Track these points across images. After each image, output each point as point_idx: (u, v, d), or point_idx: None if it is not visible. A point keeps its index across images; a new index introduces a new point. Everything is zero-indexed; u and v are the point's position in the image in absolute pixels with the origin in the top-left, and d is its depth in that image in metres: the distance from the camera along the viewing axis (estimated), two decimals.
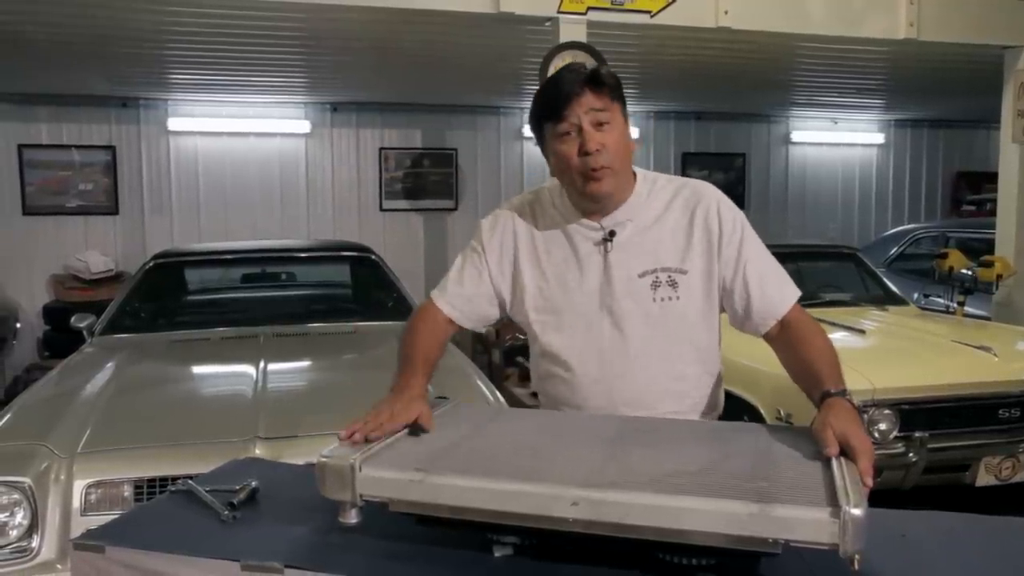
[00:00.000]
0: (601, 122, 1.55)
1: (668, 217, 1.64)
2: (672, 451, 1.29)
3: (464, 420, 1.52)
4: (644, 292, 1.61)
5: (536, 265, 1.68)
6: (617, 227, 1.63)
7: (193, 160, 7.64)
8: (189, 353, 3.60)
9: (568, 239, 1.67)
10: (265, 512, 1.49)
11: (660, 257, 1.62)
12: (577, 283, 1.64)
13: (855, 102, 8.23)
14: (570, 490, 1.10)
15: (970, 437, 3.43)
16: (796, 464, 1.21)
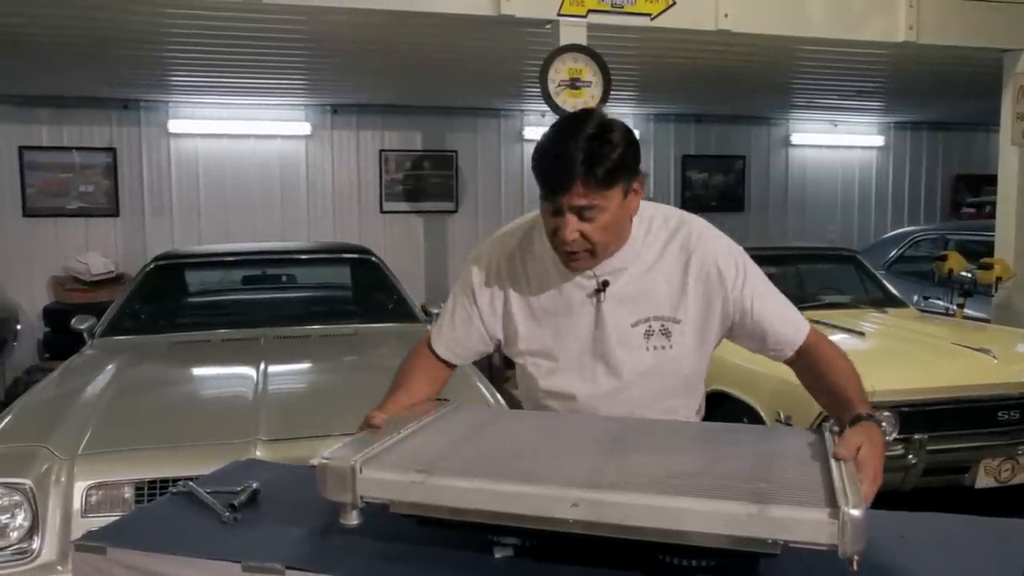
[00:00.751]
0: (584, 217, 1.47)
1: (662, 264, 1.60)
2: (671, 452, 1.30)
3: (464, 422, 1.53)
4: (638, 341, 1.59)
5: (527, 310, 1.66)
6: (611, 276, 1.59)
7: (194, 162, 7.65)
8: (190, 355, 3.60)
9: (559, 287, 1.63)
10: (266, 513, 1.49)
11: (653, 305, 1.59)
12: (570, 330, 1.62)
13: (855, 104, 8.24)
14: (570, 491, 1.11)
15: (969, 439, 3.43)
16: (796, 465, 1.21)
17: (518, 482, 1.15)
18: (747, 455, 1.26)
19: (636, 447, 1.33)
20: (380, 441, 1.36)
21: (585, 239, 1.49)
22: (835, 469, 1.15)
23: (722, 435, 1.45)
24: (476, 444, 1.40)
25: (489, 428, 1.51)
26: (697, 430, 1.55)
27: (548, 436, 1.44)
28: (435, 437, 1.42)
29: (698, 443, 1.37)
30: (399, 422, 1.46)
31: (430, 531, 1.28)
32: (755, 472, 1.18)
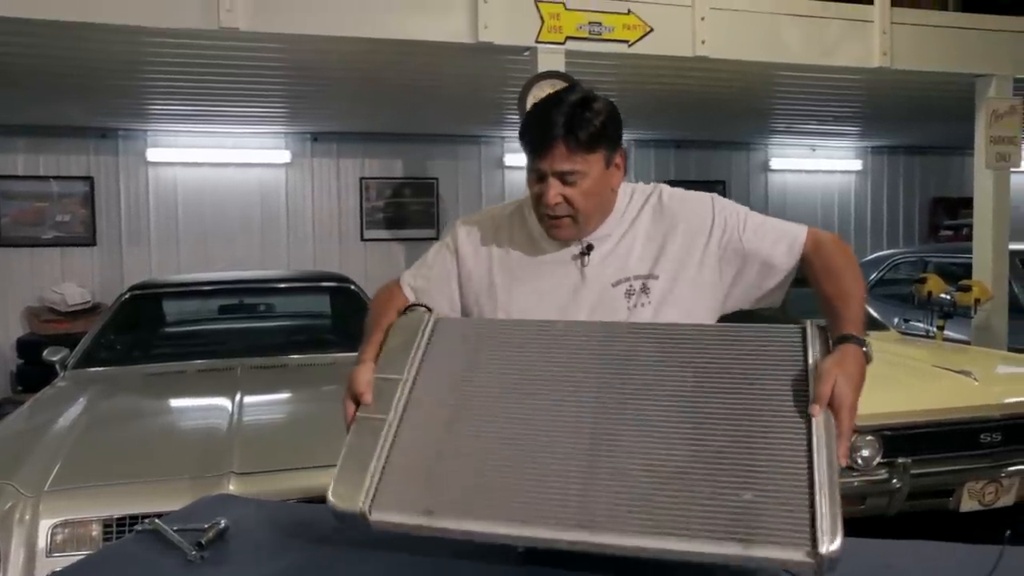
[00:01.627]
0: (567, 181, 1.52)
1: (639, 225, 1.62)
2: (653, 450, 1.25)
3: (445, 382, 1.45)
4: (619, 301, 1.58)
5: (509, 275, 1.65)
6: (595, 240, 1.61)
7: (172, 191, 7.59)
8: (164, 386, 3.54)
9: (544, 251, 1.64)
10: (235, 552, 1.44)
11: (632, 265, 1.59)
12: (552, 295, 1.61)
13: (832, 129, 8.32)
14: (564, 534, 1.19)
15: (953, 462, 3.40)
16: (779, 464, 1.18)
17: (517, 524, 1.22)
18: (731, 444, 1.22)
19: (618, 450, 1.27)
20: (375, 449, 1.35)
21: (568, 204, 1.52)
22: (817, 473, 1.15)
23: (703, 393, 1.36)
24: (464, 448, 1.34)
25: (471, 394, 1.42)
26: (676, 384, 1.41)
27: (531, 425, 1.36)
28: (424, 416, 1.39)
29: (680, 422, 1.30)
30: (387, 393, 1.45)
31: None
32: (740, 474, 1.18)
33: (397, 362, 1.46)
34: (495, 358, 1.43)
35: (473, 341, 1.46)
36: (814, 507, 1.11)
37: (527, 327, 1.47)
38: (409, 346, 1.47)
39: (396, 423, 1.37)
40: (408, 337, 1.49)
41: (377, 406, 1.40)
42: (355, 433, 1.39)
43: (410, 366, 1.44)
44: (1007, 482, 3.45)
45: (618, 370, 1.35)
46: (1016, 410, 3.46)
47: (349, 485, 1.31)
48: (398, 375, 1.43)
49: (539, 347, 1.42)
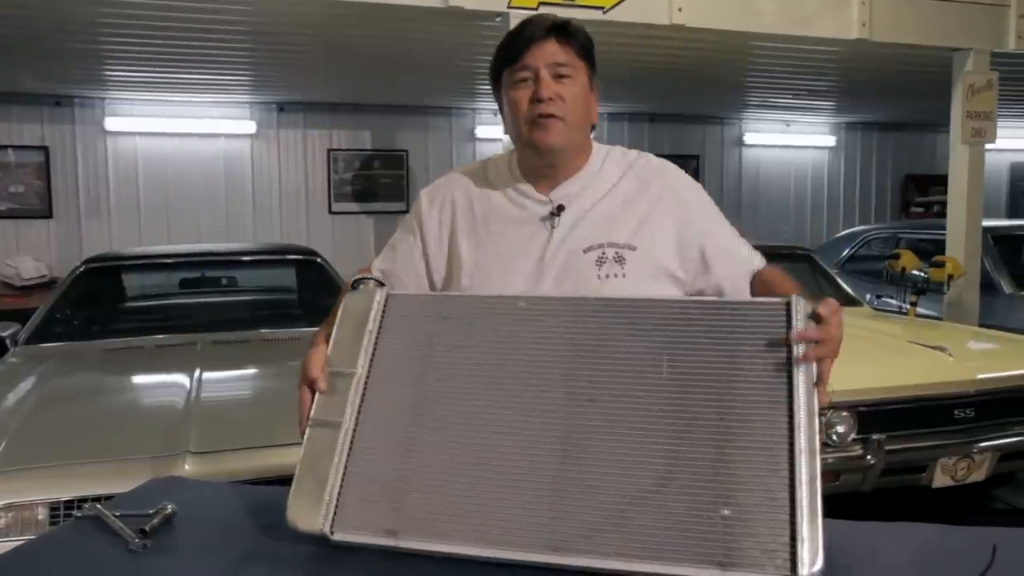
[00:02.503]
0: (561, 75, 1.45)
1: (619, 191, 1.52)
2: (627, 460, 1.16)
3: (399, 376, 1.34)
4: (588, 269, 1.47)
5: (474, 238, 1.55)
6: (566, 200, 1.51)
7: (132, 161, 7.37)
8: (120, 362, 3.41)
9: (511, 211, 1.54)
10: (181, 539, 1.34)
11: (609, 232, 1.49)
12: (517, 258, 1.51)
13: (807, 104, 8.29)
14: (536, 556, 1.14)
15: (927, 438, 3.38)
16: (759, 476, 1.11)
17: (483, 546, 1.17)
18: (709, 451, 1.14)
19: (588, 456, 1.18)
20: (332, 461, 1.26)
21: (561, 101, 1.45)
22: (800, 475, 1.09)
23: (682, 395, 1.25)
24: (426, 440, 1.26)
25: (431, 389, 1.32)
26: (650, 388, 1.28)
27: (498, 429, 1.25)
28: (382, 418, 1.29)
29: (655, 428, 1.20)
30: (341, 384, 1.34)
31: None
32: (718, 486, 1.12)
33: (349, 352, 1.35)
34: (454, 343, 1.32)
35: (429, 322, 1.35)
36: (795, 528, 1.07)
37: (487, 304, 1.36)
38: (361, 331, 1.36)
39: (352, 428, 1.28)
40: (359, 320, 1.38)
41: (331, 407, 1.31)
42: (310, 441, 1.30)
43: (363, 356, 1.34)
44: (979, 458, 3.44)
45: (589, 359, 1.25)
46: (990, 386, 3.45)
47: (307, 502, 1.24)
48: (351, 368, 1.33)
49: (501, 329, 1.31)
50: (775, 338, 1.18)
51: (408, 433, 1.26)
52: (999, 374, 3.50)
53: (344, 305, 1.40)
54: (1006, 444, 3.44)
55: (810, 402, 1.13)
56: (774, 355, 1.17)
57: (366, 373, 1.32)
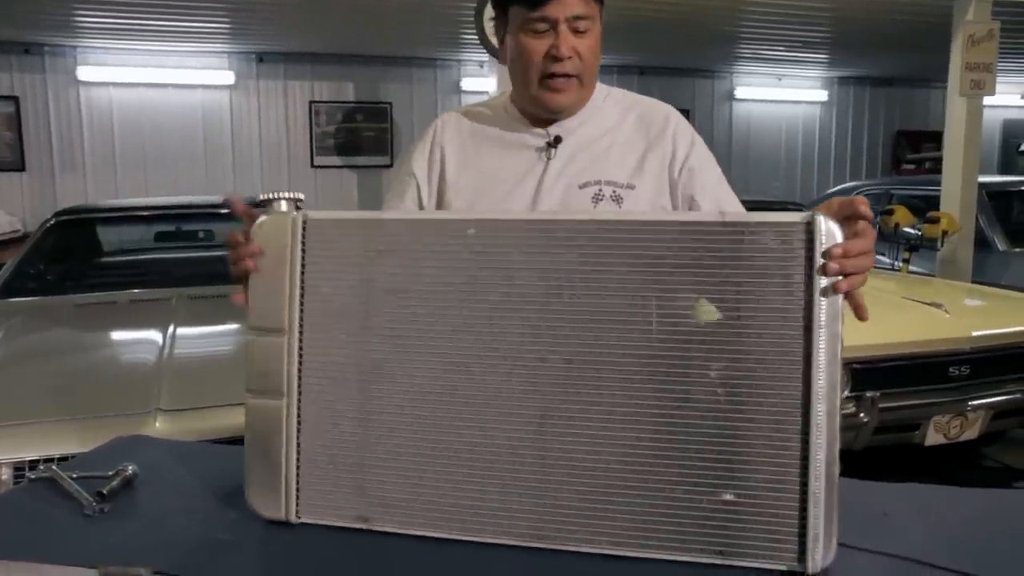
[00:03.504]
0: (579, 29, 1.33)
1: (621, 131, 1.44)
2: (615, 437, 1.01)
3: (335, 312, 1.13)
4: (584, 205, 1.39)
5: (465, 173, 1.45)
6: (564, 133, 1.42)
7: (107, 112, 7.15)
8: (91, 317, 3.29)
9: (505, 144, 1.44)
10: (142, 503, 1.25)
11: (607, 170, 1.41)
12: (510, 193, 1.41)
13: (800, 57, 8.14)
14: (520, 542, 1.04)
15: (921, 396, 3.33)
16: (768, 456, 0.96)
17: (462, 533, 1.06)
18: (711, 423, 0.99)
19: (572, 430, 1.03)
20: (282, 444, 1.12)
21: (579, 59, 1.34)
22: (813, 452, 0.94)
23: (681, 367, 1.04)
24: (382, 412, 1.10)
25: (377, 349, 1.11)
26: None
27: (461, 398, 1.08)
28: (327, 389, 1.11)
29: (645, 398, 1.02)
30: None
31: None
32: (720, 467, 0.98)
33: (272, 304, 1.12)
34: (396, 287, 1.08)
35: (363, 255, 1.10)
36: (805, 515, 0.94)
37: (431, 231, 1.09)
38: (280, 274, 1.11)
39: (296, 404, 1.11)
40: (276, 258, 1.11)
41: (265, 377, 1.12)
42: (251, 420, 1.14)
43: (288, 311, 1.11)
44: (972, 416, 3.39)
45: (562, 304, 1.03)
46: (985, 343, 3.39)
47: (265, 489, 1.12)
48: (278, 329, 1.11)
49: (451, 266, 1.06)
50: (793, 271, 0.95)
51: (360, 404, 1.09)
52: (995, 331, 3.44)
53: (257, 237, 1.13)
54: (999, 402, 3.39)
55: (833, 366, 0.94)
56: (790, 297, 0.95)
57: (298, 334, 1.11)
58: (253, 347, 1.13)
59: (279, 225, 1.12)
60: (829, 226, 0.94)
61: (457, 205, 1.42)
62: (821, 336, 0.94)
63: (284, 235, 1.11)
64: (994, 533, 1.12)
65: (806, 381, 0.94)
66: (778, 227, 0.95)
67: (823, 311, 0.94)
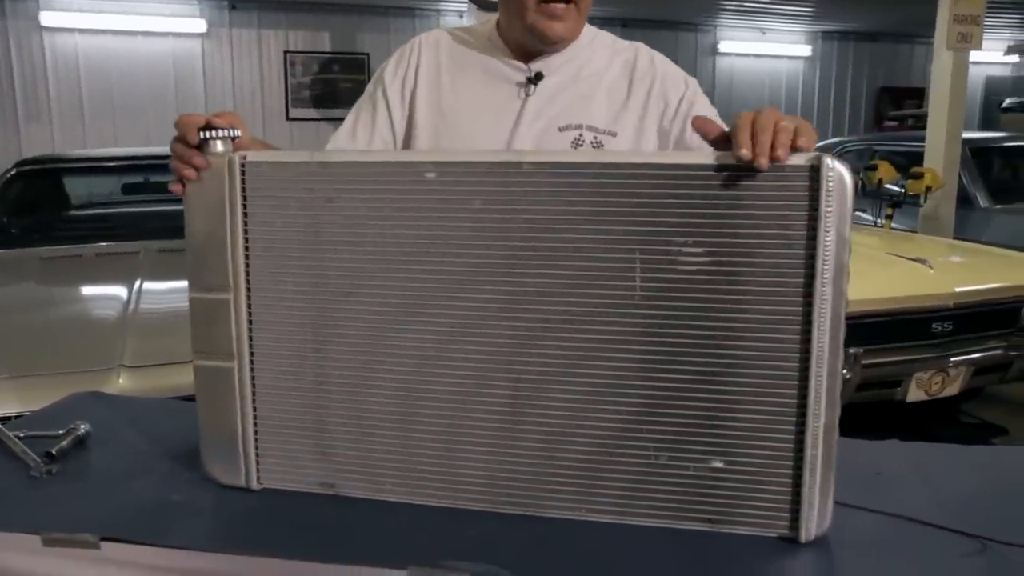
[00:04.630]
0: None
1: (607, 75, 1.34)
2: (594, 401, 0.94)
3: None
4: (563, 149, 1.31)
5: (435, 102, 1.35)
6: (547, 71, 1.33)
7: (73, 61, 6.92)
8: (55, 271, 3.19)
9: (484, 77, 1.35)
10: (94, 464, 1.19)
11: (589, 114, 1.32)
12: (483, 130, 1.32)
13: (784, 9, 8.02)
14: (497, 509, 0.99)
15: (904, 352, 3.31)
16: (761, 420, 0.90)
17: (435, 500, 1.00)
18: (699, 386, 0.91)
19: (548, 394, 0.95)
20: (236, 410, 1.04)
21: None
22: (810, 419, 0.88)
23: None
24: (342, 373, 1.02)
25: (331, 306, 1.02)
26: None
27: (424, 360, 0.99)
28: (281, 351, 1.03)
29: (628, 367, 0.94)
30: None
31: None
32: (709, 433, 0.91)
33: (214, 261, 1.02)
34: (348, 239, 0.99)
35: (310, 202, 0.99)
36: (800, 486, 0.89)
37: (384, 175, 0.97)
38: (220, 229, 1.01)
39: (248, 366, 1.03)
40: (215, 206, 1.01)
41: (213, 341, 1.04)
42: (203, 385, 1.06)
43: (232, 265, 1.01)
44: (953, 372, 3.38)
45: (536, 259, 0.93)
46: (968, 299, 3.37)
47: (223, 456, 1.06)
48: (222, 291, 1.02)
49: (409, 215, 0.96)
50: (793, 220, 0.86)
51: (318, 365, 1.02)
52: (977, 287, 3.42)
53: (188, 185, 1.02)
54: (980, 358, 3.39)
55: (836, 327, 0.86)
56: (791, 250, 0.86)
57: (245, 288, 1.02)
58: (196, 306, 1.04)
59: (214, 168, 1.01)
60: (838, 170, 0.84)
61: (423, 138, 1.33)
62: (824, 294, 0.85)
63: (220, 180, 1.00)
64: (988, 491, 1.09)
65: (805, 341, 0.87)
66: (778, 170, 0.86)
67: (827, 266, 0.85)
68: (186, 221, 1.03)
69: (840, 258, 0.86)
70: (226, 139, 1.02)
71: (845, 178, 0.85)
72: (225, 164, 1.00)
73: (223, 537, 0.99)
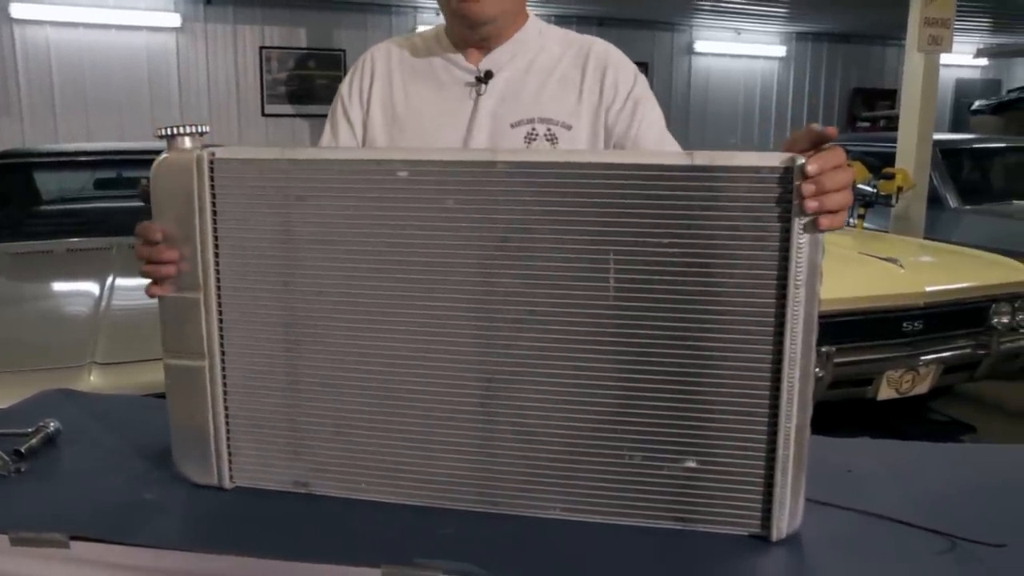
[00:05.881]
0: None
1: (558, 68, 1.34)
2: (567, 400, 0.94)
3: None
4: (516, 145, 1.31)
5: (389, 112, 1.36)
6: (496, 68, 1.33)
7: (44, 53, 6.80)
8: (25, 267, 3.15)
9: (434, 78, 1.36)
10: (64, 463, 1.17)
11: (542, 106, 1.32)
12: (438, 134, 1.33)
13: (759, 10, 8.07)
14: (469, 508, 0.99)
15: (875, 351, 3.35)
16: (734, 422, 0.90)
17: (407, 498, 1.00)
18: (670, 387, 0.92)
19: (520, 392, 0.95)
20: (207, 409, 1.04)
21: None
22: (783, 420, 0.88)
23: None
24: (315, 373, 1.01)
25: (303, 304, 1.01)
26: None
27: (396, 359, 0.99)
28: (253, 350, 1.02)
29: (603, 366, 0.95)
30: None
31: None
32: (683, 432, 0.92)
33: (183, 264, 1.01)
34: (318, 236, 0.98)
35: (281, 200, 0.98)
36: (772, 485, 0.90)
37: (355, 172, 0.96)
38: (188, 225, 0.99)
39: (219, 365, 1.03)
40: (184, 204, 0.99)
41: (184, 339, 1.03)
42: (174, 384, 1.05)
43: (201, 264, 1.00)
44: (924, 370, 3.43)
45: (507, 257, 0.93)
46: (938, 298, 3.42)
47: (194, 455, 1.05)
48: (192, 289, 1.01)
49: (380, 212, 0.96)
50: (767, 220, 0.86)
51: (289, 365, 1.01)
52: (948, 286, 3.47)
53: (155, 182, 1.00)
54: (950, 357, 3.43)
55: (809, 328, 0.86)
56: (764, 252, 0.86)
57: (215, 287, 1.01)
58: (166, 305, 1.03)
59: (182, 165, 0.99)
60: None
61: (379, 143, 1.34)
62: (797, 295, 0.86)
63: (189, 176, 0.98)
64: (957, 489, 1.10)
65: (778, 343, 0.87)
66: (752, 171, 0.86)
67: (800, 267, 0.85)
68: (154, 218, 1.01)
69: (813, 259, 0.86)
70: (194, 135, 1.01)
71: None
72: (194, 160, 0.98)
73: (195, 536, 0.98)
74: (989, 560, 0.89)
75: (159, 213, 1.01)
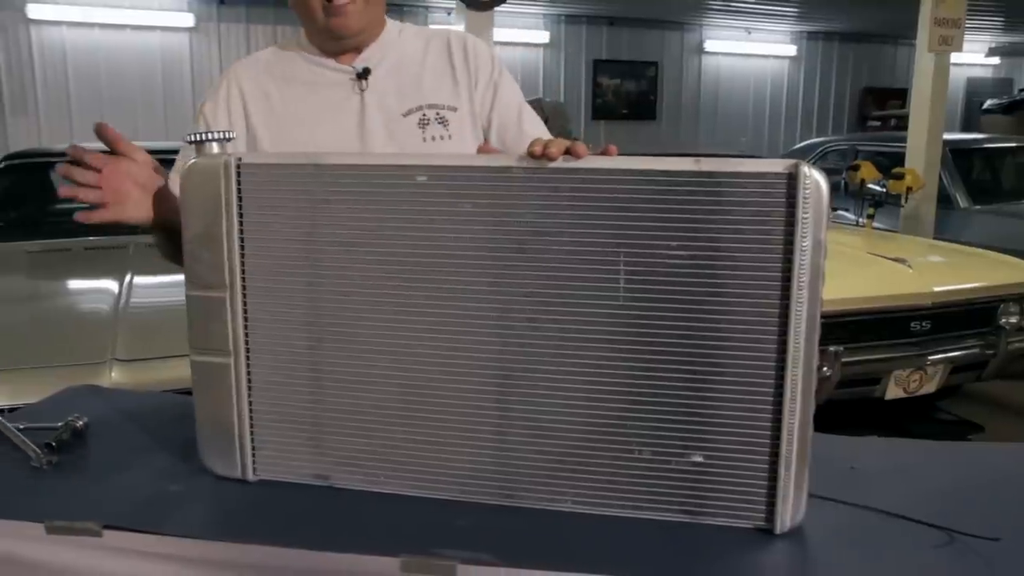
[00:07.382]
0: None
1: (427, 60, 1.43)
2: (579, 398, 0.97)
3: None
4: (412, 132, 1.38)
5: (273, 122, 1.39)
6: (370, 64, 1.39)
7: (60, 54, 6.88)
8: (44, 265, 3.21)
9: (311, 84, 1.40)
10: (93, 455, 1.21)
11: (426, 95, 1.40)
12: (327, 132, 1.37)
13: (769, 9, 8.06)
14: (485, 500, 1.02)
15: (883, 351, 3.37)
16: (739, 417, 0.94)
17: (426, 491, 1.04)
18: (677, 382, 0.95)
19: (535, 389, 0.98)
20: (232, 405, 1.07)
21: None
22: (787, 415, 0.92)
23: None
24: (336, 370, 1.05)
25: (328, 303, 1.05)
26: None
27: (417, 357, 1.02)
28: (277, 348, 1.06)
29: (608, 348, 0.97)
30: None
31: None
32: (689, 426, 0.95)
33: (211, 262, 1.04)
34: (342, 239, 1.01)
35: (305, 204, 1.02)
36: (776, 479, 0.93)
37: (378, 178, 1.00)
38: (216, 228, 1.03)
39: (244, 362, 1.06)
40: (212, 207, 1.03)
41: (210, 336, 1.06)
42: (200, 380, 1.08)
43: (228, 266, 1.04)
44: (931, 370, 3.44)
45: (523, 260, 0.96)
46: (946, 298, 3.43)
47: (219, 448, 1.08)
48: (219, 285, 1.04)
49: (401, 216, 0.98)
50: (772, 226, 0.89)
51: (312, 362, 1.04)
52: (956, 287, 3.48)
53: (184, 186, 1.04)
54: (957, 357, 3.44)
55: (812, 328, 0.89)
56: (768, 255, 0.89)
57: (241, 288, 1.04)
58: (193, 303, 1.07)
59: (210, 169, 1.02)
60: (814, 177, 0.88)
61: (264, 144, 1.37)
62: (800, 296, 0.89)
63: (217, 181, 1.02)
64: (963, 487, 1.12)
65: (781, 342, 0.90)
66: (757, 177, 0.89)
67: (804, 269, 0.89)
68: (183, 221, 1.05)
69: (816, 262, 0.89)
70: (221, 140, 1.05)
71: (821, 184, 0.88)
72: (221, 165, 1.03)
73: (220, 526, 1.01)
74: (991, 555, 0.91)
75: (188, 215, 1.05)
